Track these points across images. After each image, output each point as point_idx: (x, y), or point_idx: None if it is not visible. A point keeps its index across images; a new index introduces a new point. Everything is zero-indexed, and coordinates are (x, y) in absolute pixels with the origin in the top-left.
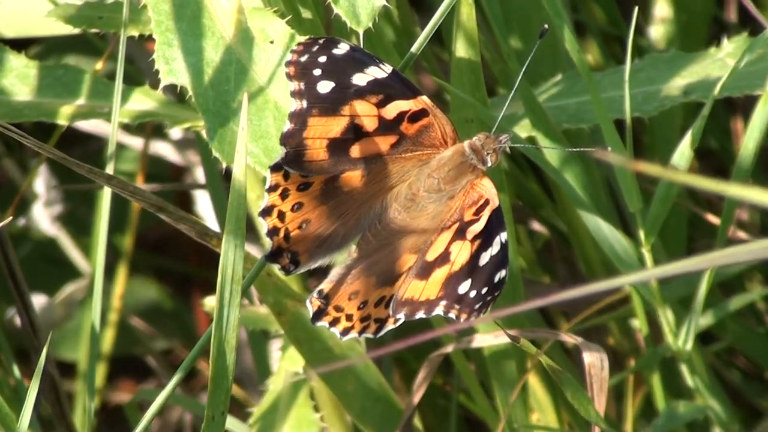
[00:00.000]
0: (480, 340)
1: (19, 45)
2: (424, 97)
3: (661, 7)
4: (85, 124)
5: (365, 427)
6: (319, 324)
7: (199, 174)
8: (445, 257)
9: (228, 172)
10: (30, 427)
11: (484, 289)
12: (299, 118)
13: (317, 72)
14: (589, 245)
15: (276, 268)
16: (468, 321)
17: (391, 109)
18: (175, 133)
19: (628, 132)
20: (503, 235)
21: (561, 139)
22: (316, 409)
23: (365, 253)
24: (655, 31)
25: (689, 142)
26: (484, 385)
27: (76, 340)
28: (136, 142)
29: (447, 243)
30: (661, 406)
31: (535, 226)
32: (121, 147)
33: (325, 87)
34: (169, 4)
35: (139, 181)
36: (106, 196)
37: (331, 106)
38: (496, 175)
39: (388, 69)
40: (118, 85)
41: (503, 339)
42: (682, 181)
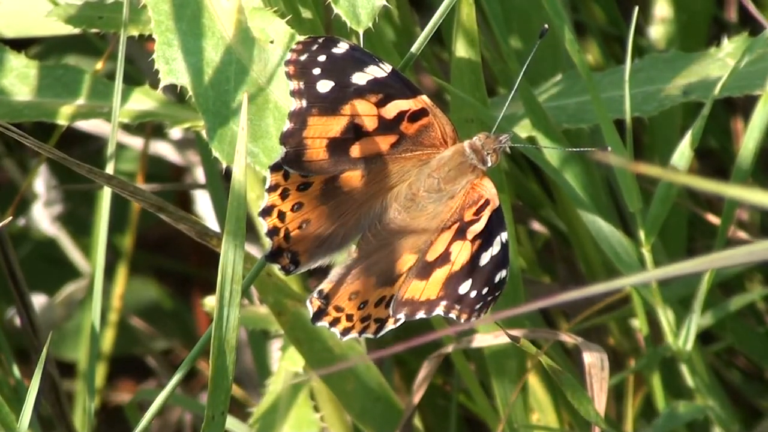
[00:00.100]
0: (480, 340)
1: (19, 45)
2: (424, 97)
3: (661, 7)
4: (85, 124)
5: (365, 427)
6: (319, 324)
7: (199, 174)
8: (445, 257)
9: (228, 172)
10: (30, 427)
11: (484, 290)
12: (299, 118)
13: (317, 71)
14: (589, 245)
15: (276, 268)
16: (468, 321)
17: (391, 109)
18: (175, 133)
19: (628, 132)
20: (504, 236)
21: (561, 139)
22: (316, 409)
23: (365, 253)
24: (655, 31)
25: (689, 142)
26: (484, 385)
27: (76, 340)
28: (136, 142)
29: (447, 243)
30: (661, 406)
31: (535, 226)
32: (121, 147)
33: (324, 86)
34: (169, 4)
35: (139, 181)
36: (106, 196)
37: (330, 106)
38: (496, 175)
39: (388, 68)
40: (118, 85)
41: (503, 339)
42: (682, 182)
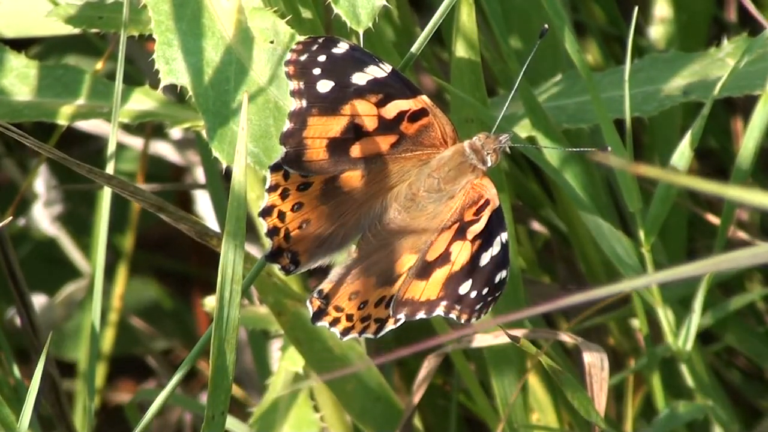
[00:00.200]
0: (480, 340)
1: (19, 45)
2: (424, 97)
3: (661, 7)
4: (85, 124)
5: (365, 427)
6: (319, 324)
7: (199, 174)
8: (445, 257)
9: (228, 172)
10: (30, 427)
11: (484, 290)
12: (299, 118)
13: (317, 71)
14: (589, 245)
15: (276, 268)
16: (469, 322)
17: (391, 109)
18: (175, 133)
19: (628, 132)
20: (504, 236)
21: (561, 139)
22: (316, 409)
23: (365, 253)
24: (655, 31)
25: (689, 142)
26: (484, 385)
27: (76, 340)
28: (136, 142)
29: (447, 243)
30: (661, 406)
31: (535, 226)
32: (121, 147)
33: (324, 86)
34: (169, 4)
35: (139, 181)
36: (106, 196)
37: (330, 106)
38: (496, 175)
39: (388, 68)
40: (118, 85)
41: (503, 339)
42: (682, 183)
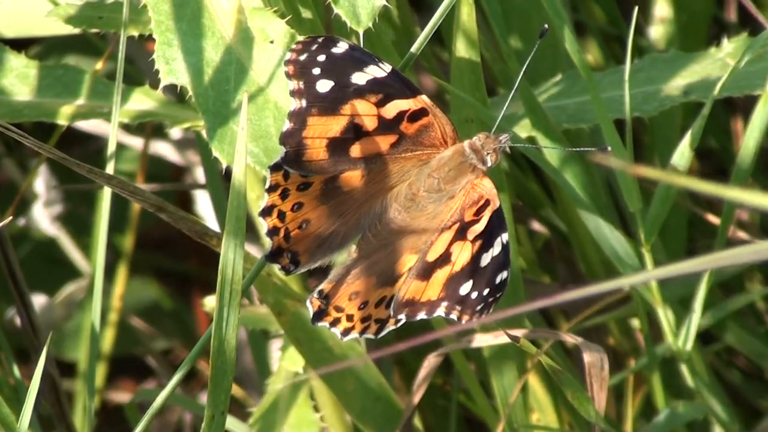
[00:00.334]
0: (480, 340)
1: (19, 45)
2: (424, 97)
3: (661, 7)
4: (85, 124)
5: (365, 427)
6: (319, 324)
7: (199, 174)
8: (445, 258)
9: (228, 172)
10: (30, 427)
11: (485, 291)
12: (298, 118)
13: (316, 71)
14: (589, 245)
15: (276, 268)
16: (470, 322)
17: (391, 109)
18: (175, 133)
19: (628, 132)
20: (504, 236)
21: (561, 139)
22: (316, 409)
23: (365, 253)
24: (655, 31)
25: (689, 142)
26: (484, 385)
27: (76, 340)
28: (136, 142)
29: (447, 243)
30: (661, 406)
31: (535, 226)
32: (121, 147)
33: (324, 86)
34: (169, 4)
35: (139, 181)
36: (106, 196)
37: (330, 106)
38: (496, 175)
39: (388, 68)
40: (118, 85)
41: (503, 339)
42: (682, 184)
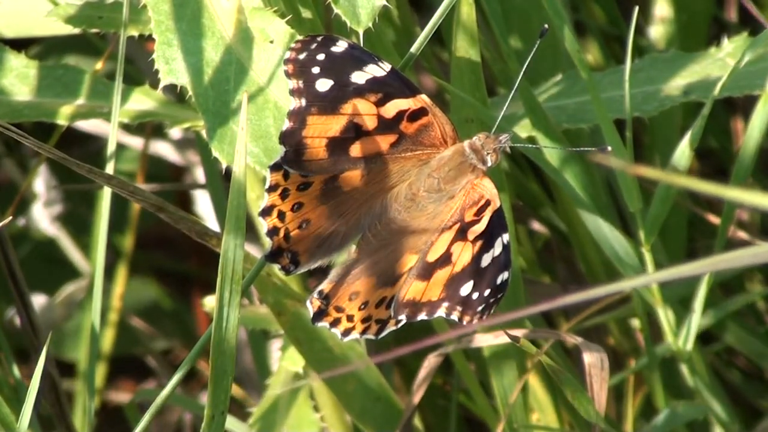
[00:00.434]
0: (480, 340)
1: (19, 45)
2: (424, 96)
3: (661, 7)
4: (85, 124)
5: (365, 427)
6: (319, 324)
7: (199, 174)
8: (446, 258)
9: (228, 172)
10: (30, 427)
11: (486, 291)
12: (298, 117)
13: (316, 70)
14: (589, 245)
15: (276, 268)
16: (471, 323)
17: (391, 108)
18: (175, 133)
19: (628, 132)
20: (505, 237)
21: (561, 139)
22: (316, 409)
23: (365, 253)
24: (655, 31)
25: (689, 142)
26: (484, 385)
27: (76, 340)
28: (136, 142)
29: (448, 244)
30: (661, 406)
31: (535, 226)
32: (121, 147)
33: (324, 85)
34: (169, 4)
35: (139, 181)
36: (106, 196)
37: (330, 105)
38: (496, 175)
39: (387, 67)
40: (118, 85)
41: (503, 339)
42: (682, 184)
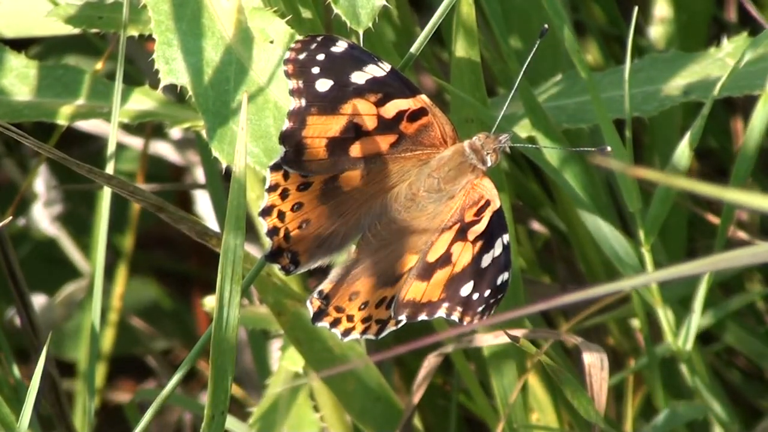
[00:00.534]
0: (480, 340)
1: (19, 45)
2: (423, 96)
3: (661, 7)
4: (85, 124)
5: (365, 427)
6: (319, 325)
7: (199, 174)
8: (446, 258)
9: (228, 172)
10: (30, 427)
11: (486, 292)
12: (298, 117)
13: (316, 70)
14: (589, 245)
15: (276, 268)
16: (471, 324)
17: (390, 108)
18: (175, 133)
19: (628, 132)
20: (505, 237)
21: (561, 139)
22: (316, 409)
23: (365, 253)
24: (655, 31)
25: (689, 142)
26: (484, 385)
27: (76, 340)
28: (136, 142)
29: (448, 244)
30: (661, 406)
31: (535, 226)
32: (121, 147)
33: (323, 85)
34: (169, 4)
35: (139, 181)
36: (106, 196)
37: (330, 105)
38: (496, 175)
39: (387, 67)
40: (118, 85)
41: (503, 339)
42: (681, 185)
